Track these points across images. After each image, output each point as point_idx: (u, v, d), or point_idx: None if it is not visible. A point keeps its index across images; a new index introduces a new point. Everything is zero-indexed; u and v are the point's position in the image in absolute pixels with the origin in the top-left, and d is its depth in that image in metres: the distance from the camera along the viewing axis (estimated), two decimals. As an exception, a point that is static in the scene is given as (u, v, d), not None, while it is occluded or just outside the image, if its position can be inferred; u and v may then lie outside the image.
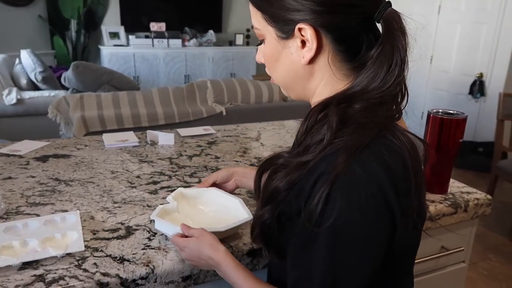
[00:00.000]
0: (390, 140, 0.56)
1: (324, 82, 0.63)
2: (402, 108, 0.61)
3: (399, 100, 0.60)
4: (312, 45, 0.59)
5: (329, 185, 0.52)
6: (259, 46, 0.69)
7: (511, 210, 2.66)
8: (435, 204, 1.04)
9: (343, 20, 0.58)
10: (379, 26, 0.60)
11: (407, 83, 0.60)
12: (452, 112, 1.05)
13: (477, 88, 3.84)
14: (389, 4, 0.58)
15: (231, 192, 0.98)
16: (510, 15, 3.54)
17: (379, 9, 0.58)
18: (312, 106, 0.63)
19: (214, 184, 0.98)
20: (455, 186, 1.16)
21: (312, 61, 0.61)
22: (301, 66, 0.62)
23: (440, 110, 1.06)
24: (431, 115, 1.06)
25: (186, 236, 0.77)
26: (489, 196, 1.12)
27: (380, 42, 0.57)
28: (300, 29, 0.59)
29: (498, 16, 3.63)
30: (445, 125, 1.03)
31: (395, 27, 0.57)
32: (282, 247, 0.62)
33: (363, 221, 0.52)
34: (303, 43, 0.60)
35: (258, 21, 0.64)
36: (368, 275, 0.55)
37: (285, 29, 0.60)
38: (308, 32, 0.58)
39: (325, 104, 0.59)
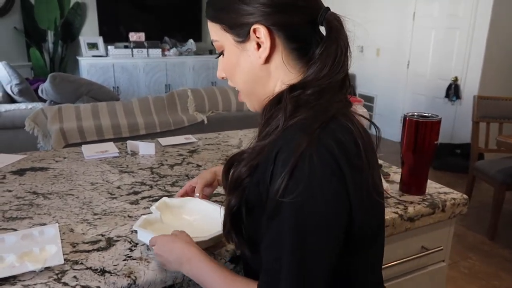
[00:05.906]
0: (343, 121, 0.62)
1: (281, 80, 0.68)
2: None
3: (346, 90, 0.67)
4: (266, 43, 0.65)
5: (290, 161, 0.56)
6: (219, 60, 0.73)
7: (489, 209, 2.72)
8: (413, 205, 1.06)
9: (292, 19, 0.65)
10: (322, 30, 0.68)
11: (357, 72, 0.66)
12: (427, 115, 1.08)
13: (453, 91, 3.95)
14: (328, 8, 0.67)
15: (214, 189, 1.03)
16: (481, 21, 3.66)
17: (320, 13, 0.66)
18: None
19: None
20: (432, 187, 1.19)
21: (268, 60, 0.67)
22: (259, 67, 0.68)
23: (416, 113, 1.09)
24: (407, 118, 1.08)
25: None
26: (465, 196, 1.15)
27: (325, 39, 0.65)
28: (254, 30, 0.65)
29: (470, 21, 3.75)
30: (421, 128, 1.06)
31: (337, 25, 0.65)
32: (254, 239, 0.64)
33: (322, 193, 0.56)
34: (259, 45, 0.66)
35: (217, 33, 0.70)
36: (332, 246, 0.59)
37: (242, 33, 0.66)
38: (262, 32, 0.65)
39: (280, 95, 0.65)
